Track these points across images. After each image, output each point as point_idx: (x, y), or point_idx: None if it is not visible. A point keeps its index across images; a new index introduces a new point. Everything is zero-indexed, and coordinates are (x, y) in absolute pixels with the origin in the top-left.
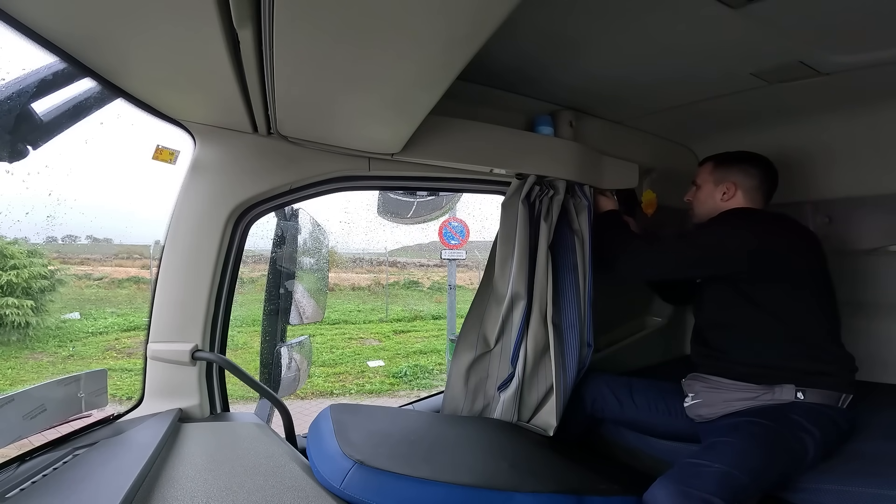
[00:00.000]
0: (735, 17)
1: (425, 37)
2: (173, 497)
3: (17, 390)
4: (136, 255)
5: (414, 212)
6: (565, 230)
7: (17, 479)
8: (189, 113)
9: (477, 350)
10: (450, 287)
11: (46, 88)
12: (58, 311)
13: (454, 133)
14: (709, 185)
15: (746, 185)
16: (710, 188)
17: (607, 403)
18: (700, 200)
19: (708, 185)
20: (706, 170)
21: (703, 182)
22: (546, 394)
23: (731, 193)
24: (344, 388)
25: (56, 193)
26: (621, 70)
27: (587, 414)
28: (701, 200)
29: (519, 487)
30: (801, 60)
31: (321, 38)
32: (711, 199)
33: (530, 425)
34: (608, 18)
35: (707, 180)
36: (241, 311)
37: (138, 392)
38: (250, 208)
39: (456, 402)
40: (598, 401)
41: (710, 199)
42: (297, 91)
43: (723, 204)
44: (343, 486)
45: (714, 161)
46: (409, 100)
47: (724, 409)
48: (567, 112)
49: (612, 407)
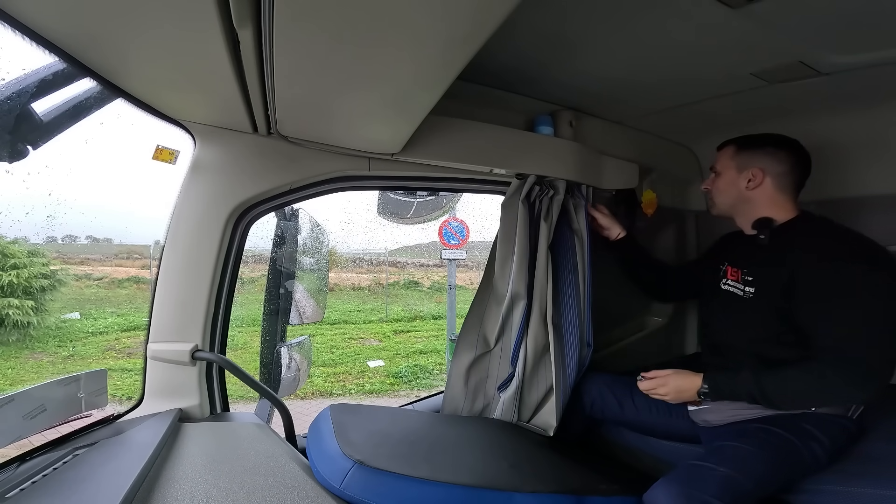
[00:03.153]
0: (735, 17)
1: (425, 36)
2: (173, 497)
3: (17, 390)
4: (136, 255)
5: (414, 212)
6: (565, 230)
7: (18, 479)
8: (189, 113)
9: (477, 350)
10: (450, 287)
11: (46, 88)
12: (58, 311)
13: (454, 133)
14: (730, 172)
15: (775, 170)
16: (733, 175)
17: (607, 404)
18: (720, 189)
19: (729, 172)
20: (727, 154)
21: (724, 168)
22: (546, 394)
23: (759, 181)
24: (344, 388)
25: (56, 193)
26: (621, 70)
27: (587, 414)
28: (721, 189)
29: (519, 487)
30: (801, 60)
31: (321, 37)
32: (734, 187)
33: (530, 425)
34: (608, 18)
35: (728, 166)
36: (241, 311)
37: (138, 392)
38: (250, 208)
39: (456, 402)
40: (597, 401)
41: (732, 188)
42: (297, 91)
43: (749, 193)
44: (343, 486)
45: (736, 144)
46: (410, 99)
47: (731, 417)
48: (567, 112)
49: (612, 407)
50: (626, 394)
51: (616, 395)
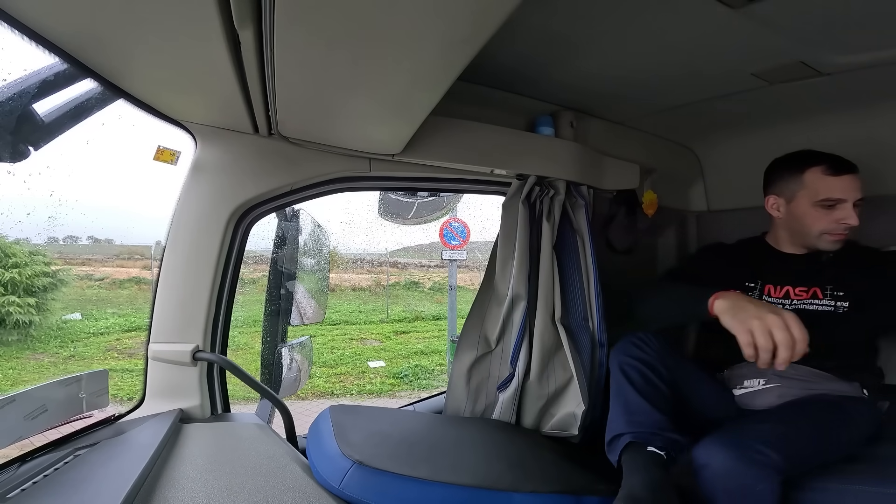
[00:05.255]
0: (735, 17)
1: (426, 38)
2: (174, 497)
3: (18, 390)
4: (137, 256)
5: (415, 212)
6: (568, 231)
7: (18, 480)
8: (190, 114)
9: (478, 351)
10: (450, 287)
11: (48, 89)
12: (59, 312)
13: (455, 134)
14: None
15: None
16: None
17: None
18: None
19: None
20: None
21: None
22: (555, 395)
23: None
24: (345, 389)
25: (58, 194)
26: (622, 70)
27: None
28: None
29: (518, 488)
30: (801, 60)
31: (322, 38)
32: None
33: (550, 430)
34: (609, 19)
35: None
36: (242, 312)
37: (139, 392)
38: (251, 209)
39: (458, 402)
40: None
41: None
42: (298, 92)
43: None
44: (342, 486)
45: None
46: (410, 100)
47: (778, 399)
48: (568, 112)
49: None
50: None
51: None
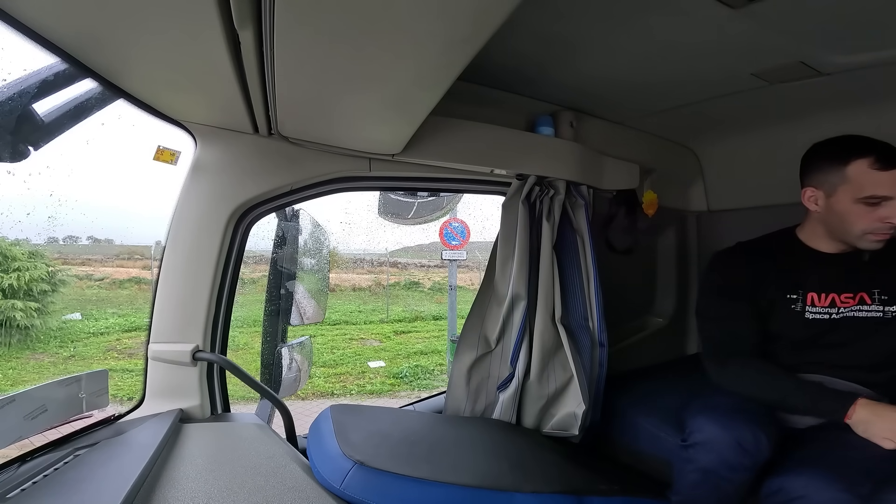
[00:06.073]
0: (735, 17)
1: (426, 38)
2: (174, 497)
3: (18, 391)
4: (137, 256)
5: (415, 212)
6: (568, 230)
7: (18, 480)
8: (190, 114)
9: (478, 350)
10: (450, 288)
11: (48, 89)
12: (59, 312)
13: (455, 133)
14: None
15: None
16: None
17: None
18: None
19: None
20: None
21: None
22: (556, 394)
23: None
24: (345, 389)
25: (57, 194)
26: (622, 70)
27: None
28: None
29: (519, 488)
30: (801, 60)
31: (322, 38)
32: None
33: (552, 431)
34: (609, 19)
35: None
36: (241, 312)
37: (139, 392)
38: (251, 209)
39: (458, 402)
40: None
41: None
42: (298, 92)
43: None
44: (343, 486)
45: None
46: (410, 100)
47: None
48: (568, 112)
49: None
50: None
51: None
